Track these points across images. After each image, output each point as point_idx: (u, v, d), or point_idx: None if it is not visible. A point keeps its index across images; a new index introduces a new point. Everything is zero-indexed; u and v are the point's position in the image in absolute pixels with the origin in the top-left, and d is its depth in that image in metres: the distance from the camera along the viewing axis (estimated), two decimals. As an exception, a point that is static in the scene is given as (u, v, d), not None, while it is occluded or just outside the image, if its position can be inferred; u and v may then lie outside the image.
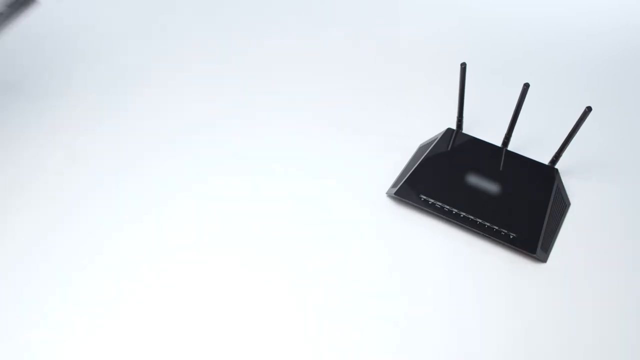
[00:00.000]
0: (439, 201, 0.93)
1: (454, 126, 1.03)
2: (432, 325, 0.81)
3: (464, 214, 0.91)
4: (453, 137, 1.01)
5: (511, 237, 0.89)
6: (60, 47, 1.24)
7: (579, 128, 0.90)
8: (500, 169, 0.96)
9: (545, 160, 0.98)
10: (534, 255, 0.88)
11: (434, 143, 1.00)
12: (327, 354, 0.78)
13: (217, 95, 1.14)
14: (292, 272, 0.87)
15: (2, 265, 0.86)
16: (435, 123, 1.06)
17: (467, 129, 1.05)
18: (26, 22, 1.28)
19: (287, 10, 1.32)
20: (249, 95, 1.14)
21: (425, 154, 0.99)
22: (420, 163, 0.97)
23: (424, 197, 0.94)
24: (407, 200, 0.94)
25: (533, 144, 1.04)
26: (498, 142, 1.00)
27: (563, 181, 0.98)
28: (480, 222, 0.90)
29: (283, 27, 1.29)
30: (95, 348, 0.78)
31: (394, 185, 0.97)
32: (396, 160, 1.02)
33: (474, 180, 0.95)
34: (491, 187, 0.94)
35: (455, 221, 0.91)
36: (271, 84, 1.11)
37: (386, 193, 0.97)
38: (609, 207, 0.96)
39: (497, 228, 0.90)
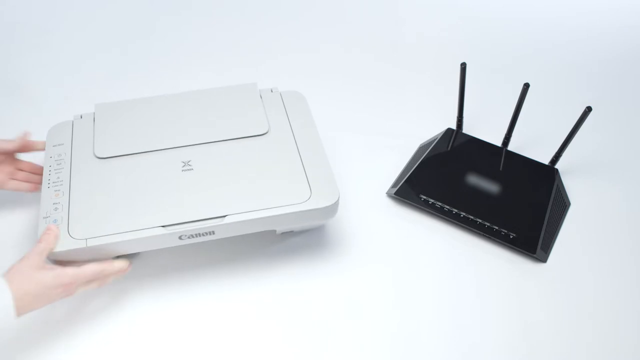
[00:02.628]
0: (439, 201, 0.93)
1: (454, 126, 1.03)
2: (431, 325, 0.81)
3: (464, 213, 0.91)
4: (453, 137, 1.01)
5: (511, 237, 0.89)
6: None
7: (579, 128, 0.90)
8: (500, 169, 0.96)
9: (545, 160, 0.98)
10: (534, 255, 0.88)
11: (434, 143, 1.00)
12: (325, 350, 0.78)
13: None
14: (290, 271, 0.87)
15: None
16: (435, 123, 1.06)
17: (467, 129, 1.05)
18: None
19: (286, 10, 1.33)
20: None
21: (425, 154, 0.99)
22: (420, 163, 0.97)
23: (424, 197, 0.94)
24: (407, 200, 0.94)
25: (533, 144, 1.04)
26: (498, 142, 1.00)
27: (563, 181, 0.98)
28: (480, 222, 0.90)
29: (281, 27, 1.29)
30: None
31: (394, 185, 0.97)
32: (396, 160, 1.02)
33: (474, 180, 0.95)
34: (491, 187, 0.94)
35: (455, 221, 0.91)
36: (270, 84, 1.11)
37: (386, 193, 0.97)
38: (609, 207, 0.96)
39: (497, 228, 0.90)
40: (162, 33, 1.27)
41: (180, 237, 0.77)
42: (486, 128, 1.06)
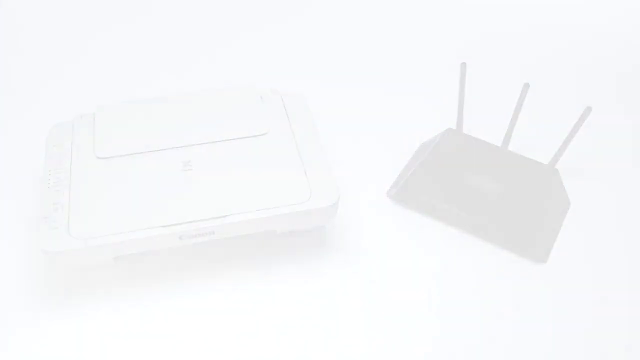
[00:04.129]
0: (439, 201, 0.93)
1: (454, 126, 1.03)
2: (431, 325, 0.81)
3: (464, 214, 0.91)
4: (453, 137, 1.01)
5: (511, 237, 0.89)
6: None
7: (579, 128, 0.90)
8: (500, 169, 0.96)
9: (545, 160, 0.98)
10: (534, 255, 0.88)
11: (435, 143, 1.00)
12: (325, 350, 0.79)
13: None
14: (290, 271, 0.87)
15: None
16: (435, 123, 1.06)
17: (467, 129, 1.05)
18: None
19: (286, 10, 1.33)
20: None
21: (425, 154, 0.99)
22: (420, 163, 0.97)
23: (424, 198, 0.94)
24: (407, 201, 0.94)
25: (533, 144, 1.04)
26: (498, 142, 1.00)
27: (563, 181, 0.98)
28: (480, 223, 0.90)
29: (281, 27, 1.29)
30: None
31: (394, 186, 0.97)
32: (396, 160, 1.02)
33: (474, 180, 0.95)
34: (491, 187, 0.94)
35: (455, 221, 0.91)
36: (270, 84, 1.11)
37: (386, 193, 0.97)
38: (609, 207, 0.96)
39: (497, 228, 0.90)
40: (162, 33, 1.27)
41: (180, 237, 0.78)
42: (486, 128, 1.06)
